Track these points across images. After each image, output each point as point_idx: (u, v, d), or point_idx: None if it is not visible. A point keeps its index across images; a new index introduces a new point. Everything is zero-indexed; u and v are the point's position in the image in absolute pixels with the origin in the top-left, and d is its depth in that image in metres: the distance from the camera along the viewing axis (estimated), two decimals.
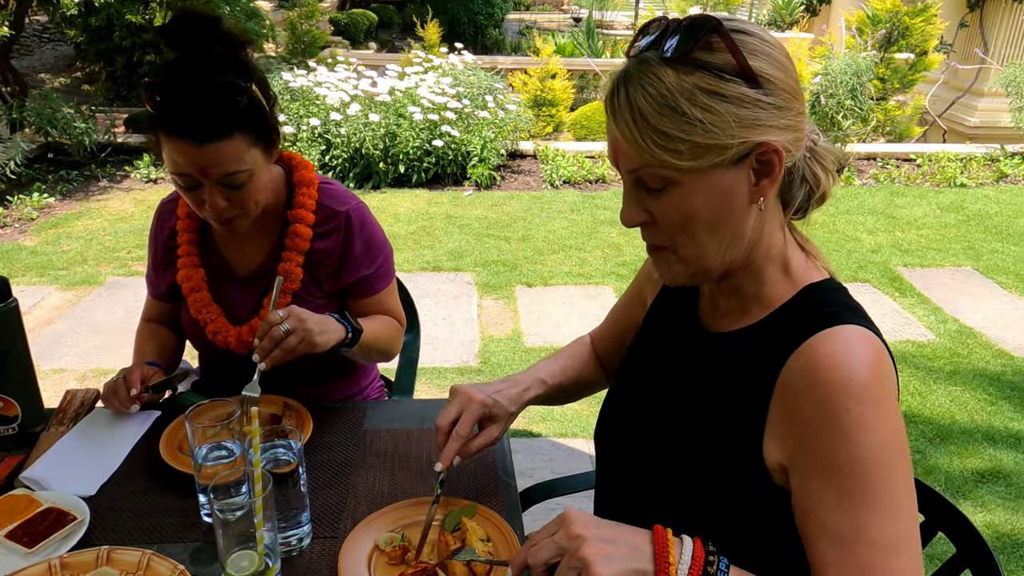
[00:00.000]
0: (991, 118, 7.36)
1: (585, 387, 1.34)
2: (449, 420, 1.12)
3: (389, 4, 17.09)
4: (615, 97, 0.86)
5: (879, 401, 0.82)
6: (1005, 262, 4.66)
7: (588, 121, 6.84)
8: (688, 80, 0.83)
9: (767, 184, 0.88)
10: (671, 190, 0.87)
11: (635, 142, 0.85)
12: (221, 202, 1.32)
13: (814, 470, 0.85)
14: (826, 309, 0.90)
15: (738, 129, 0.83)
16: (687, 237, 0.89)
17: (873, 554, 0.80)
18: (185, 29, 1.29)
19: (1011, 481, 2.71)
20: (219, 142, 1.26)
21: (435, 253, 4.62)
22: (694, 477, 0.97)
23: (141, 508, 1.18)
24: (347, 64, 6.62)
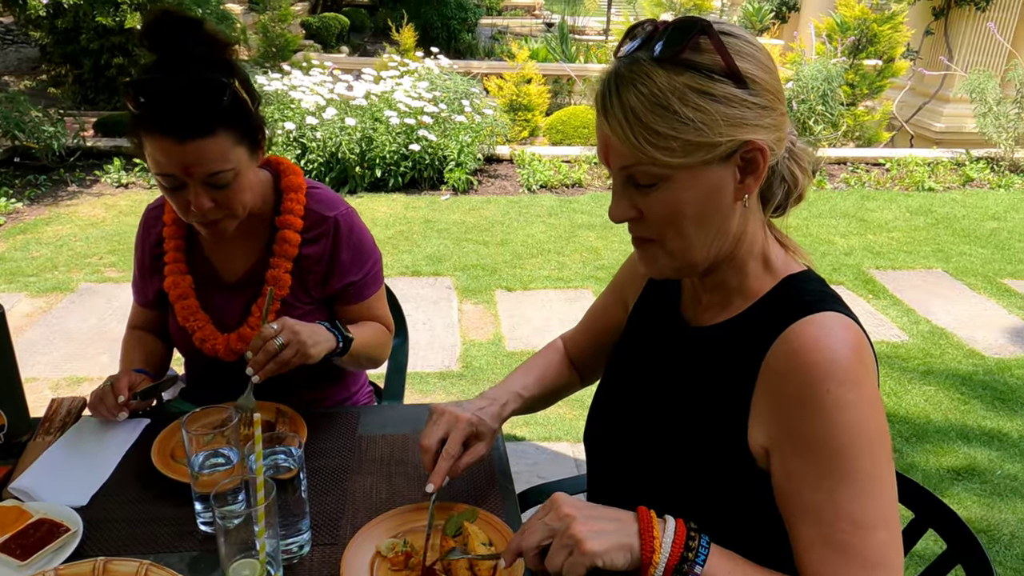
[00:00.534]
0: (956, 123, 7.53)
1: (559, 393, 1.36)
2: (436, 440, 1.12)
3: (360, 8, 17.03)
4: (607, 97, 0.88)
5: (860, 382, 0.85)
6: (973, 264, 4.76)
7: (564, 126, 6.87)
8: (679, 80, 0.84)
9: (751, 182, 0.90)
10: (661, 186, 0.89)
11: (628, 140, 0.86)
12: (206, 203, 1.30)
13: (795, 449, 0.87)
14: (806, 298, 0.93)
15: (726, 127, 0.85)
16: (675, 232, 0.92)
17: (852, 531, 0.83)
18: (167, 30, 1.27)
19: (985, 478, 2.77)
20: (202, 139, 1.24)
21: (414, 258, 4.61)
22: (682, 467, 0.99)
23: (135, 518, 1.16)
24: (322, 68, 6.58)
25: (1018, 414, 3.18)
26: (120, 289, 4.15)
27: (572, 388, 1.37)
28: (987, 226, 5.42)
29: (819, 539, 0.85)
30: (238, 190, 1.33)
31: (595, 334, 1.31)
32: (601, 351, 1.30)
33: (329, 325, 1.37)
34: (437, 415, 1.15)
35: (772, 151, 0.89)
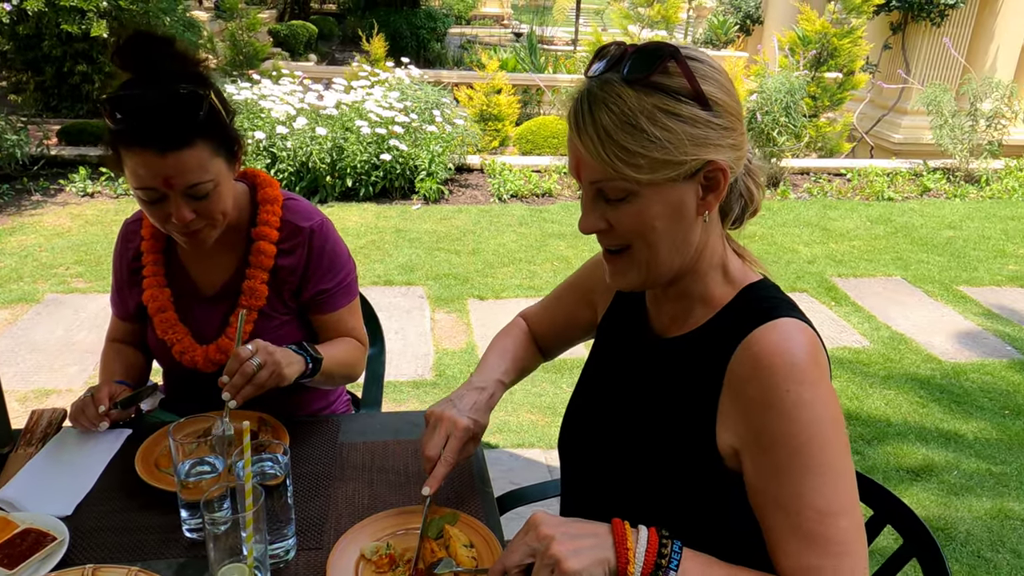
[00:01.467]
0: (914, 135, 7.76)
1: (528, 372, 1.43)
2: (438, 449, 1.16)
3: (328, 16, 16.99)
4: (580, 115, 0.93)
5: (816, 382, 0.92)
6: (931, 271, 4.92)
7: (534, 135, 6.94)
8: (648, 101, 0.90)
9: (712, 199, 0.96)
10: (630, 200, 0.94)
11: (599, 156, 0.92)
12: (188, 214, 1.32)
13: (761, 447, 0.93)
14: (764, 305, 1.00)
15: (691, 147, 0.91)
16: (642, 242, 0.97)
17: (818, 519, 0.89)
18: (138, 49, 1.30)
19: (943, 478, 2.87)
20: (182, 151, 1.26)
21: (386, 267, 4.63)
22: (655, 472, 1.04)
23: (121, 526, 1.18)
24: (292, 77, 6.57)
25: (973, 416, 3.30)
26: (88, 300, 4.10)
27: (536, 365, 1.44)
28: (944, 235, 5.60)
29: (788, 529, 0.91)
30: (217, 200, 1.35)
31: (559, 322, 1.39)
32: (564, 338, 1.39)
33: (296, 347, 1.40)
34: (435, 420, 1.19)
35: (732, 170, 0.95)
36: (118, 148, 1.29)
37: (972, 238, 5.54)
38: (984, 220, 5.96)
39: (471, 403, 1.22)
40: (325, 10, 18.53)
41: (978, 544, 2.53)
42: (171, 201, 1.30)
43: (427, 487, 1.13)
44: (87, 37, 6.70)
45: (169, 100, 1.26)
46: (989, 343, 4.00)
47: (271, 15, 14.16)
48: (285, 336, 1.54)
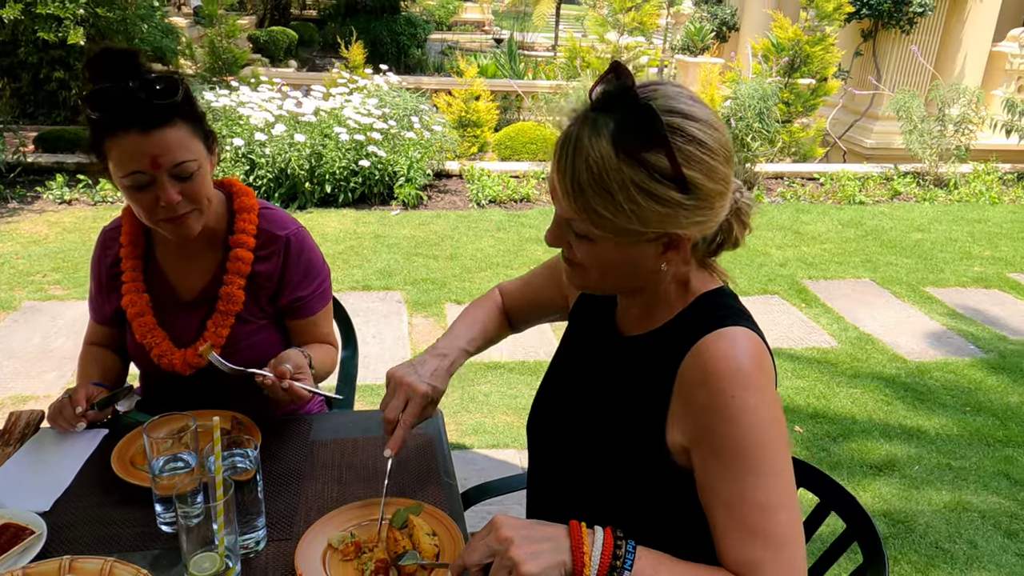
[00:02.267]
0: (885, 140, 7.92)
1: (494, 342, 1.50)
2: (398, 411, 1.24)
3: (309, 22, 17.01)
4: (563, 156, 0.96)
5: (761, 388, 0.98)
6: (899, 273, 5.04)
7: (512, 142, 7.01)
8: (627, 172, 0.93)
9: (672, 255, 1.02)
10: (593, 241, 1.01)
11: (569, 203, 0.98)
12: (175, 195, 1.37)
13: (708, 448, 1.00)
14: (716, 313, 1.06)
15: (656, 222, 0.96)
16: (599, 273, 1.05)
17: (760, 515, 0.95)
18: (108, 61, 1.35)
19: (904, 473, 2.97)
20: (165, 128, 1.33)
21: (364, 272, 4.67)
22: (609, 465, 1.11)
23: (98, 520, 1.22)
24: (271, 84, 6.61)
25: (936, 413, 3.40)
26: (65, 307, 4.12)
27: (504, 336, 1.51)
28: (912, 237, 5.73)
29: (732, 523, 0.97)
30: (201, 183, 1.41)
31: (533, 300, 1.46)
32: (534, 315, 1.47)
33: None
34: (395, 384, 1.26)
35: (697, 236, 1.01)
36: (102, 141, 1.35)
37: (940, 240, 5.68)
38: (951, 223, 6.10)
39: (431, 369, 1.28)
40: (305, 16, 18.54)
41: (937, 535, 2.62)
42: (158, 185, 1.36)
43: (388, 449, 1.20)
44: (64, 44, 6.69)
45: (147, 83, 1.32)
46: (953, 342, 4.11)
47: (251, 21, 14.16)
48: (263, 339, 1.60)
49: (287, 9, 16.79)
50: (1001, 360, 3.91)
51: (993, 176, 7.10)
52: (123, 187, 1.38)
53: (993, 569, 2.48)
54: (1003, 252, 5.50)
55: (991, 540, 2.61)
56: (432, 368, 1.29)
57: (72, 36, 6.51)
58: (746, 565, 0.95)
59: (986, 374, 3.77)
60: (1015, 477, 2.96)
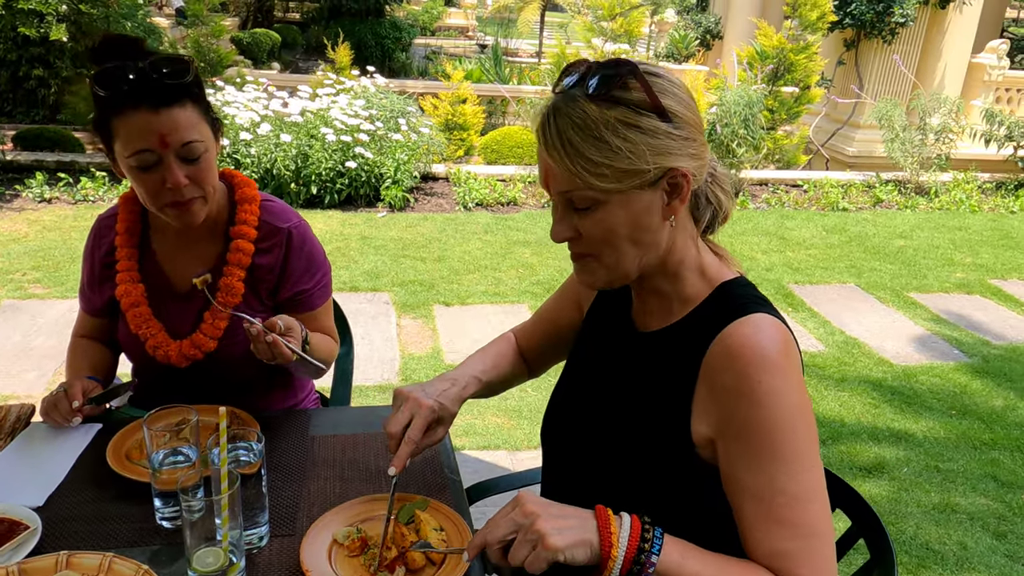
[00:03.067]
0: (867, 148, 8.01)
1: (511, 381, 1.44)
2: (401, 426, 1.18)
3: (292, 25, 16.92)
4: (547, 128, 0.98)
5: (787, 373, 0.97)
6: (883, 279, 5.09)
7: (499, 145, 7.01)
8: (610, 114, 0.95)
9: (677, 203, 1.02)
10: (597, 208, 0.99)
11: (566, 168, 0.97)
12: (182, 178, 1.35)
13: (734, 435, 0.98)
14: (738, 302, 1.05)
15: (652, 156, 0.97)
16: (610, 248, 1.02)
17: (788, 505, 0.94)
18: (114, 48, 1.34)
19: (893, 475, 2.98)
20: (174, 107, 1.32)
21: (351, 274, 4.63)
22: (633, 462, 1.08)
23: (93, 516, 1.19)
24: (256, 84, 6.55)
25: (922, 416, 3.43)
26: (46, 306, 4.04)
27: (521, 379, 1.46)
28: (895, 244, 5.79)
29: (761, 514, 0.95)
30: (207, 167, 1.39)
31: (547, 330, 1.41)
32: (551, 347, 1.40)
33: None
34: (401, 399, 1.21)
35: (695, 176, 1.01)
36: (108, 120, 1.32)
37: (922, 247, 5.74)
38: (933, 230, 6.17)
39: (440, 390, 1.24)
40: (289, 19, 18.45)
41: (927, 537, 2.63)
42: (165, 166, 1.33)
43: (392, 467, 1.15)
44: (45, 41, 6.60)
45: (158, 62, 1.31)
46: (938, 347, 4.15)
47: (233, 23, 14.06)
48: None
49: (270, 11, 16.68)
50: (985, 364, 3.95)
51: (973, 185, 7.21)
52: (128, 168, 1.35)
53: (983, 570, 2.49)
54: (984, 259, 5.57)
55: (980, 541, 2.63)
56: (441, 389, 1.25)
57: (54, 32, 6.42)
58: (778, 556, 0.94)
59: (971, 378, 3.80)
60: (1002, 479, 2.99)
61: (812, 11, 7.36)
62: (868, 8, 7.68)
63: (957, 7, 7.97)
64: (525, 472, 1.61)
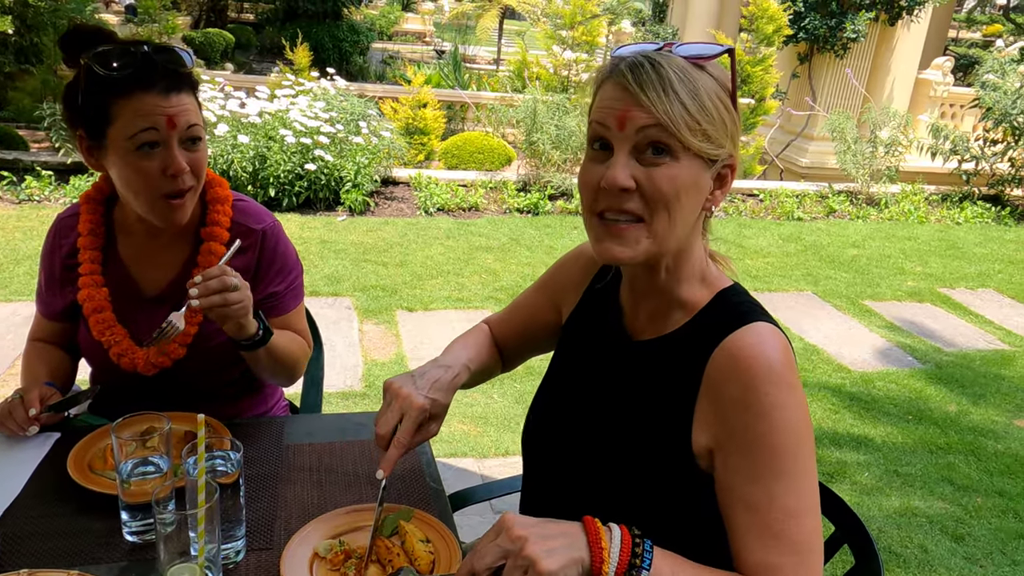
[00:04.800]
0: (820, 159, 8.20)
1: (489, 373, 1.39)
2: (391, 426, 1.10)
3: (246, 25, 16.59)
4: (641, 68, 0.93)
5: (792, 385, 0.95)
6: (838, 287, 5.19)
7: (459, 151, 6.97)
8: (707, 80, 0.95)
9: (719, 194, 1.01)
10: (668, 162, 0.94)
11: (663, 107, 0.91)
12: (183, 164, 1.32)
13: (736, 447, 0.96)
14: (740, 309, 1.03)
15: (724, 136, 0.96)
16: (664, 210, 0.96)
17: (783, 519, 0.92)
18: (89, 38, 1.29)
19: (855, 480, 3.03)
20: (182, 93, 1.32)
21: (311, 278, 4.53)
22: (628, 472, 1.05)
23: (53, 531, 1.12)
24: (213, 84, 6.40)
25: (881, 422, 3.49)
26: None
27: (497, 371, 1.40)
28: (849, 253, 5.93)
29: (755, 526, 0.93)
30: (203, 155, 1.38)
31: (523, 324, 1.36)
32: (526, 340, 1.36)
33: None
34: (391, 396, 1.12)
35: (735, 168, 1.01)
36: (107, 103, 1.28)
37: (874, 256, 5.88)
38: (884, 240, 6.33)
39: (432, 380, 1.16)
40: (243, 19, 18.11)
41: (889, 541, 2.67)
42: (167, 149, 1.30)
43: (381, 470, 1.07)
44: None
45: (163, 49, 1.32)
46: (893, 354, 4.25)
47: (185, 22, 13.74)
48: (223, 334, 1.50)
49: (223, 11, 16.34)
50: (938, 371, 4.06)
51: (920, 196, 7.42)
52: (126, 154, 1.30)
53: (944, 572, 2.54)
54: (933, 268, 5.73)
55: (940, 544, 2.68)
56: (433, 379, 1.16)
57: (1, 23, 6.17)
58: (767, 569, 0.92)
59: (925, 384, 3.90)
60: (958, 483, 3.06)
61: (768, 25, 7.52)
62: (821, 23, 7.87)
63: (905, 24, 8.22)
64: (504, 481, 1.57)
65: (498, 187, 6.54)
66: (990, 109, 7.35)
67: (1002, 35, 17.71)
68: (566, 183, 6.49)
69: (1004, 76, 7.44)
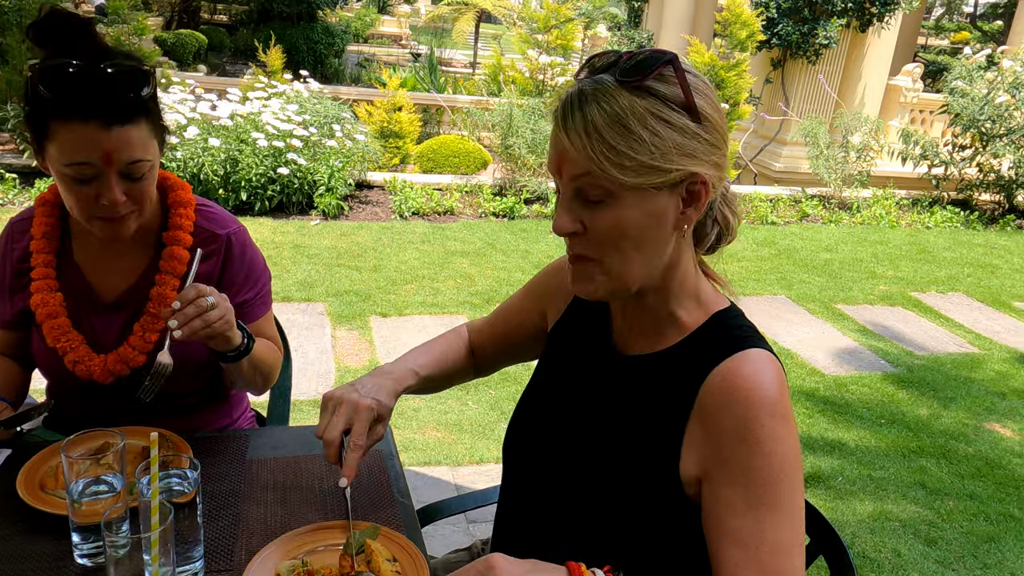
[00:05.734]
0: (793, 164, 8.27)
1: (454, 378, 1.35)
2: (339, 431, 1.08)
3: (219, 27, 16.40)
4: (569, 110, 0.91)
5: (787, 416, 0.93)
6: (811, 291, 5.23)
7: (435, 154, 6.93)
8: (640, 103, 0.89)
9: (692, 213, 0.95)
10: (609, 203, 0.92)
11: (585, 152, 0.89)
12: (120, 195, 1.24)
13: (728, 478, 0.93)
14: (736, 333, 1.00)
15: (678, 156, 0.90)
16: (615, 251, 0.94)
17: (773, 555, 0.89)
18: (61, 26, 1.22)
19: (829, 484, 3.03)
20: (128, 126, 1.21)
21: (284, 283, 4.47)
22: (610, 490, 1.02)
23: (2, 554, 1.06)
24: (183, 86, 6.30)
25: (854, 426, 3.51)
26: None
27: (466, 377, 1.37)
28: (822, 257, 5.97)
29: (743, 562, 0.90)
30: (149, 185, 1.30)
31: (505, 330, 1.33)
32: (507, 348, 1.33)
33: None
34: (335, 403, 1.11)
35: (714, 187, 0.95)
36: (46, 120, 1.20)
37: (847, 260, 5.94)
38: (856, 244, 6.40)
39: (373, 386, 1.15)
40: (216, 21, 17.90)
41: (863, 546, 2.68)
42: (103, 180, 1.22)
43: (344, 478, 1.05)
44: None
45: (117, 73, 1.19)
46: (865, 357, 4.28)
47: (157, 22, 13.55)
48: (195, 345, 1.45)
49: (196, 12, 16.14)
50: (910, 375, 4.09)
51: (891, 201, 7.51)
52: (60, 175, 1.23)
53: None
54: (904, 272, 5.80)
55: (913, 548, 2.69)
56: (374, 385, 1.16)
57: None
58: None
59: (897, 388, 3.93)
60: (930, 487, 3.08)
61: (742, 30, 7.56)
62: (794, 29, 7.94)
63: (876, 31, 8.32)
64: (477, 493, 1.54)
65: (474, 191, 6.51)
66: (958, 115, 7.47)
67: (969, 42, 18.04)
68: (542, 187, 6.48)
69: (972, 83, 7.56)
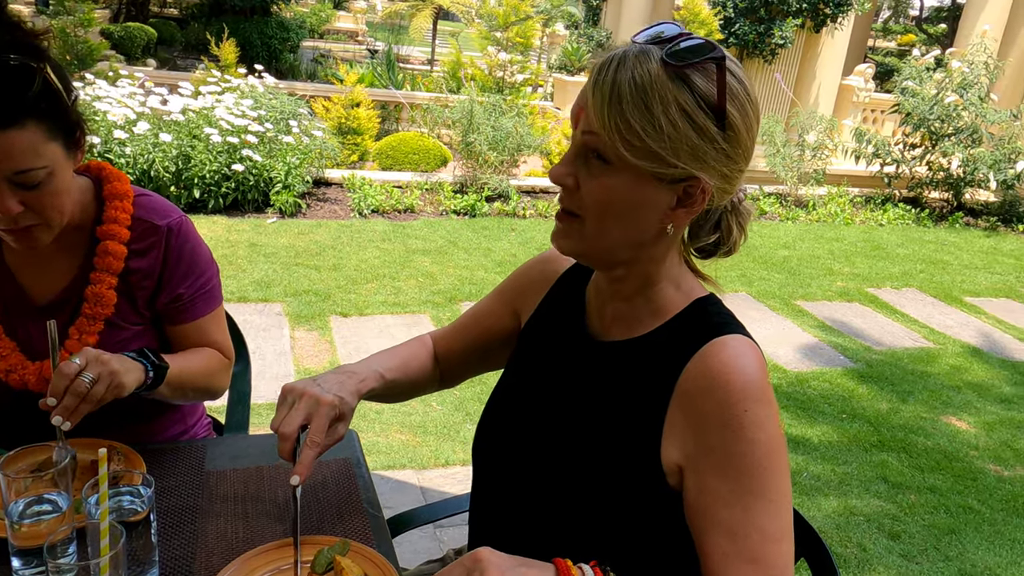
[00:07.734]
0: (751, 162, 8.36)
1: (418, 387, 1.29)
2: (295, 426, 1.00)
3: (169, 20, 15.97)
4: (604, 69, 0.88)
5: (769, 402, 0.90)
6: (771, 288, 5.28)
7: (394, 151, 6.82)
8: (672, 89, 0.85)
9: (683, 214, 0.92)
10: (606, 171, 0.89)
11: (601, 116, 0.87)
12: (14, 206, 1.13)
13: (712, 466, 0.90)
14: (715, 320, 0.97)
15: (686, 155, 0.87)
16: (596, 217, 0.92)
17: (762, 543, 0.87)
18: None
19: (795, 481, 3.04)
20: (9, 131, 1.09)
21: (240, 283, 4.34)
22: (588, 484, 0.98)
23: None
24: (132, 79, 6.09)
25: (817, 421, 3.54)
26: None
27: (430, 387, 1.31)
28: (780, 254, 6.04)
29: (732, 551, 0.87)
30: (53, 192, 1.17)
31: (473, 336, 1.27)
32: (474, 355, 1.28)
33: (135, 354, 1.24)
34: (294, 396, 1.03)
35: (713, 197, 0.91)
36: None
37: (805, 257, 6.02)
38: (813, 241, 6.49)
39: (336, 382, 1.08)
40: (166, 14, 17.44)
41: (829, 541, 2.69)
42: None
43: (295, 476, 0.97)
44: None
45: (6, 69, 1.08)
46: (825, 353, 4.33)
47: (104, 15, 13.13)
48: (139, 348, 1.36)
49: (145, 5, 15.70)
50: (869, 370, 4.15)
51: (845, 199, 7.65)
52: None
53: (882, 571, 2.57)
54: (860, 268, 5.90)
55: (877, 542, 2.71)
56: (336, 381, 1.08)
57: None
58: None
59: (857, 383, 3.98)
60: (892, 480, 3.11)
61: (699, 29, 7.61)
62: (751, 29, 8.04)
63: (829, 31, 8.47)
64: (448, 501, 1.48)
65: (434, 188, 6.43)
66: (909, 114, 7.64)
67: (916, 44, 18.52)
68: (503, 185, 6.43)
69: (921, 83, 7.74)
